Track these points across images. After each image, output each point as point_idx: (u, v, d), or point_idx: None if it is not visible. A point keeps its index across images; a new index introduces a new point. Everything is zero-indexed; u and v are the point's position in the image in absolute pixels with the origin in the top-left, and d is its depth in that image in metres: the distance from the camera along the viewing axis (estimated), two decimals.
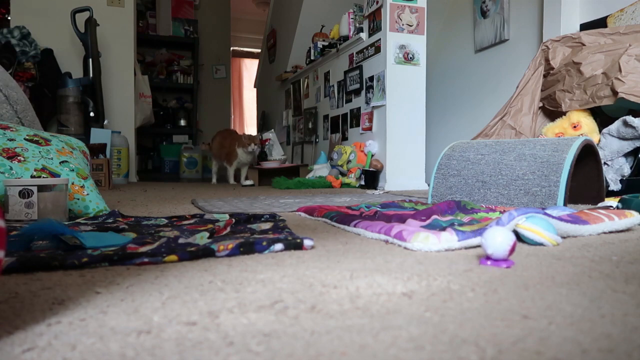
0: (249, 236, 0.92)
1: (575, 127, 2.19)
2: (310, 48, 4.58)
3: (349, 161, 3.46)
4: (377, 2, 3.27)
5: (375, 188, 3.19)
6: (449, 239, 0.81)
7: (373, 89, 3.40)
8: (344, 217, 1.16)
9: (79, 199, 1.40)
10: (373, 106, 3.40)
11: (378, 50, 3.31)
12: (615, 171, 1.96)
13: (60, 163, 1.43)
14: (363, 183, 3.29)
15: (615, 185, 1.92)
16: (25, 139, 1.44)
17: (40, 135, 1.49)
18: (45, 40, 3.94)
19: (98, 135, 3.52)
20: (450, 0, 4.01)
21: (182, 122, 6.42)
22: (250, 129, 8.19)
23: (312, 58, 4.49)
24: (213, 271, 0.66)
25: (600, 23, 2.68)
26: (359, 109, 3.66)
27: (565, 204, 1.38)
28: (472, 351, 0.37)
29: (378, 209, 1.39)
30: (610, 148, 2.00)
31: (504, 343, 0.38)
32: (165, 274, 0.64)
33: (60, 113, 3.68)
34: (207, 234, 0.90)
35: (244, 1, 7.85)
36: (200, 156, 5.83)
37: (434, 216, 1.10)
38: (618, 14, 2.59)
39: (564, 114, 2.29)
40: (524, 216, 0.87)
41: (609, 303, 0.49)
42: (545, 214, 0.90)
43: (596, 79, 2.15)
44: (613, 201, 1.49)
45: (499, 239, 0.68)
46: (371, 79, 3.43)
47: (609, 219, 0.99)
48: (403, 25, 3.22)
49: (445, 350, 0.37)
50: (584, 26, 2.79)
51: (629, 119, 1.92)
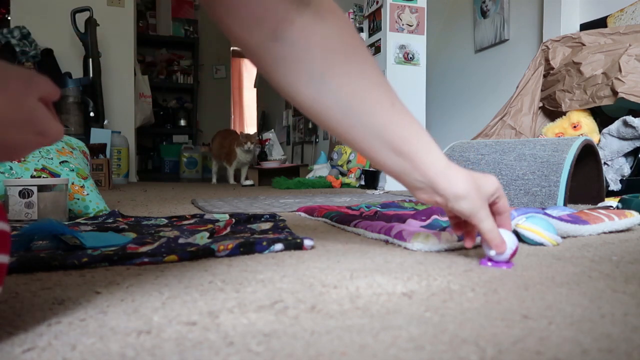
0: (249, 236, 0.92)
1: (575, 127, 2.19)
2: None
3: (349, 161, 3.45)
4: (377, 2, 3.26)
5: (375, 188, 3.19)
6: (449, 239, 0.81)
7: None
8: (344, 217, 1.16)
9: (79, 199, 1.40)
10: None
11: (378, 50, 3.31)
12: (615, 171, 1.96)
13: (60, 163, 1.43)
14: (363, 183, 3.29)
15: (615, 185, 1.92)
16: None
17: None
18: (45, 40, 3.94)
19: (98, 135, 3.52)
20: (450, 0, 4.01)
21: (182, 122, 6.42)
22: (250, 129, 8.19)
23: None
24: (213, 271, 0.66)
25: (600, 23, 2.67)
26: None
27: (565, 204, 1.38)
28: (472, 351, 0.37)
29: (378, 209, 1.39)
30: (610, 148, 2.00)
31: (504, 343, 0.38)
32: (165, 274, 0.64)
33: (60, 113, 3.68)
34: (207, 234, 0.90)
35: None
36: (200, 156, 5.83)
37: (434, 216, 1.10)
38: (618, 14, 2.59)
39: (564, 114, 2.29)
40: (524, 216, 0.87)
41: (609, 303, 0.49)
42: (545, 214, 0.90)
43: (596, 79, 2.15)
44: (613, 201, 1.49)
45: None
46: None
47: (609, 219, 0.99)
48: (403, 25, 3.22)
49: (445, 350, 0.37)
50: (584, 26, 2.79)
51: (629, 119, 1.92)
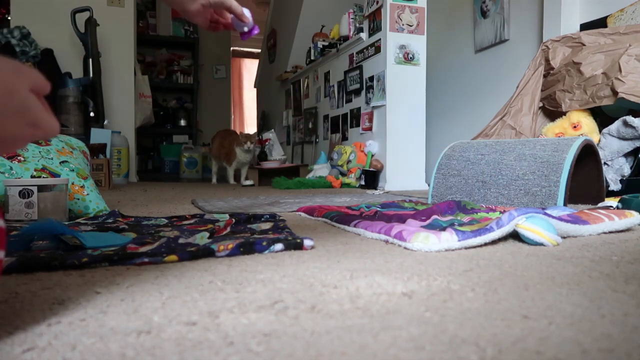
0: (249, 236, 0.92)
1: (575, 127, 2.19)
2: (310, 48, 4.58)
3: (349, 161, 3.46)
4: (377, 2, 3.27)
5: (375, 188, 3.19)
6: (449, 239, 0.81)
7: (373, 89, 3.40)
8: (344, 217, 1.16)
9: (79, 199, 1.40)
10: (373, 106, 3.40)
11: (378, 50, 3.31)
12: (615, 171, 1.96)
13: (60, 163, 1.43)
14: (363, 183, 3.29)
15: (615, 185, 1.92)
16: None
17: None
18: (45, 40, 3.94)
19: (98, 135, 3.52)
20: (450, 0, 4.01)
21: (182, 122, 6.42)
22: (250, 129, 8.19)
23: (312, 58, 4.49)
24: (213, 271, 0.66)
25: (600, 23, 2.68)
26: (359, 109, 3.66)
27: (565, 204, 1.38)
28: (472, 351, 0.37)
29: (378, 209, 1.39)
30: (610, 148, 2.00)
31: (504, 343, 0.38)
32: (165, 274, 0.64)
33: (60, 113, 3.68)
34: (207, 234, 0.90)
35: (244, 1, 7.84)
36: (200, 156, 5.83)
37: (434, 216, 1.10)
38: (618, 14, 2.59)
39: (564, 114, 2.29)
40: (524, 216, 0.87)
41: (609, 303, 0.49)
42: (545, 214, 0.90)
43: (596, 79, 2.15)
44: (613, 201, 1.49)
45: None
46: (371, 79, 3.43)
47: (609, 219, 0.99)
48: (403, 25, 3.22)
49: (445, 350, 0.37)
50: (584, 26, 2.79)
51: (629, 119, 1.92)
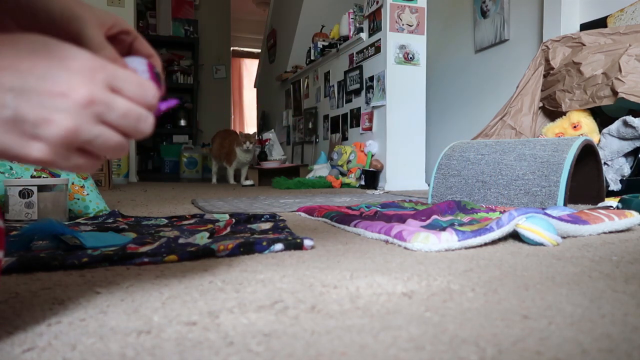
0: (249, 236, 0.92)
1: (575, 127, 2.19)
2: (310, 48, 4.58)
3: (349, 161, 3.46)
4: (377, 2, 3.27)
5: (375, 188, 3.19)
6: (449, 239, 0.81)
7: (373, 89, 3.40)
8: (344, 217, 1.16)
9: (79, 199, 1.40)
10: (373, 106, 3.40)
11: (378, 50, 3.31)
12: (615, 171, 1.96)
13: None
14: (363, 183, 3.30)
15: (615, 185, 1.92)
16: None
17: None
18: None
19: None
20: (450, 0, 4.01)
21: (182, 122, 6.42)
22: (250, 129, 8.20)
23: (312, 58, 4.49)
24: (213, 271, 0.66)
25: (600, 23, 2.68)
26: (359, 109, 3.66)
27: (565, 204, 1.38)
28: (472, 351, 0.37)
29: (378, 209, 1.39)
30: (610, 148, 2.00)
31: (504, 343, 0.38)
32: (165, 274, 0.64)
33: None
34: (207, 234, 0.90)
35: (244, 1, 7.85)
36: (200, 156, 5.84)
37: (434, 216, 1.10)
38: (618, 14, 2.59)
39: (564, 114, 2.29)
40: (524, 216, 0.87)
41: (609, 303, 0.49)
42: (545, 214, 0.90)
43: (596, 79, 2.15)
44: (613, 201, 1.49)
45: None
46: (371, 79, 3.43)
47: (609, 219, 0.99)
48: (403, 25, 3.22)
49: (445, 350, 0.37)
50: (584, 26, 2.79)
51: (629, 119, 1.92)
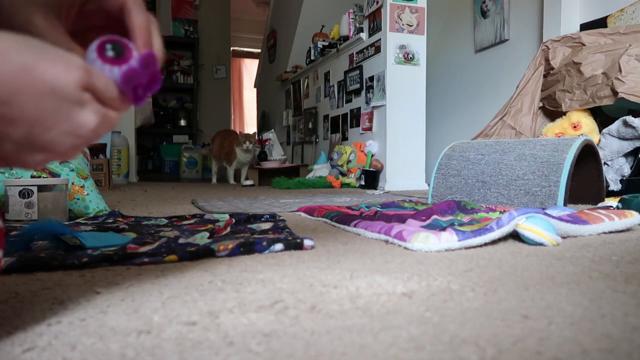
0: (249, 236, 0.92)
1: (575, 127, 2.19)
2: (310, 48, 4.58)
3: (349, 161, 3.46)
4: (377, 2, 3.27)
5: (375, 188, 3.19)
6: (449, 239, 0.81)
7: (373, 89, 3.40)
8: (344, 217, 1.16)
9: (79, 199, 1.40)
10: (373, 106, 3.40)
11: (378, 50, 3.31)
12: (615, 171, 1.96)
13: (60, 163, 1.43)
14: (363, 183, 3.29)
15: (615, 185, 1.92)
16: None
17: None
18: None
19: None
20: (450, 0, 4.01)
21: (182, 122, 6.42)
22: (250, 129, 8.19)
23: (312, 58, 4.49)
24: (213, 271, 0.66)
25: (600, 23, 2.68)
26: (359, 109, 3.66)
27: (565, 204, 1.38)
28: (472, 351, 0.37)
29: (378, 209, 1.39)
30: (610, 148, 2.00)
31: (504, 343, 0.38)
32: (165, 274, 0.64)
33: None
34: (207, 234, 0.90)
35: (244, 1, 7.85)
36: (200, 156, 5.84)
37: (434, 216, 1.10)
38: (618, 14, 2.59)
39: (564, 114, 2.29)
40: (524, 216, 0.87)
41: (609, 303, 0.49)
42: (545, 214, 0.90)
43: (596, 79, 2.15)
44: (613, 201, 1.49)
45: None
46: (371, 79, 3.43)
47: (609, 219, 0.99)
48: (403, 25, 3.22)
49: (445, 350, 0.37)
50: (584, 26, 2.79)
51: (629, 119, 1.92)
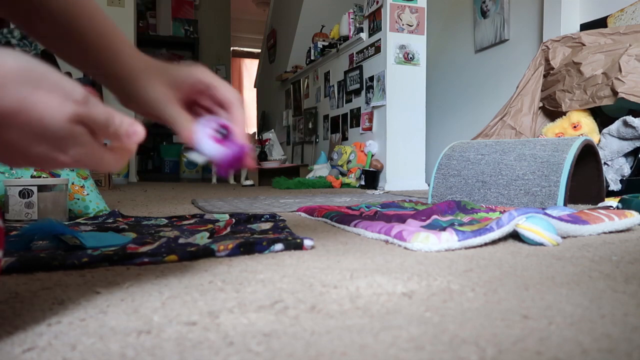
0: (249, 236, 0.92)
1: (575, 127, 2.19)
2: (310, 48, 4.58)
3: (349, 161, 3.46)
4: (377, 2, 3.27)
5: (375, 188, 3.19)
6: (449, 239, 0.81)
7: (373, 89, 3.40)
8: (344, 217, 1.16)
9: (79, 199, 1.40)
10: (373, 106, 3.40)
11: (378, 50, 3.31)
12: (615, 171, 1.96)
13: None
14: (363, 183, 3.30)
15: (615, 185, 1.92)
16: None
17: None
18: None
19: None
20: (450, 0, 4.01)
21: None
22: (250, 129, 8.19)
23: (312, 58, 4.49)
24: (213, 271, 0.66)
25: (600, 23, 2.68)
26: (359, 109, 3.66)
27: (565, 204, 1.38)
28: (472, 351, 0.37)
29: (378, 209, 1.39)
30: (610, 148, 2.00)
31: (504, 343, 0.38)
32: (165, 274, 0.64)
33: None
34: (207, 234, 0.90)
35: (244, 1, 7.85)
36: None
37: (434, 216, 1.10)
38: (618, 14, 2.59)
39: (564, 114, 2.29)
40: (524, 216, 0.87)
41: (609, 303, 0.49)
42: (545, 214, 0.90)
43: (596, 79, 2.15)
44: (613, 201, 1.49)
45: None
46: (371, 79, 3.43)
47: (609, 219, 0.99)
48: (403, 25, 3.22)
49: (445, 350, 0.37)
50: (584, 26, 2.79)
51: (629, 119, 1.92)
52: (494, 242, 0.87)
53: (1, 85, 0.33)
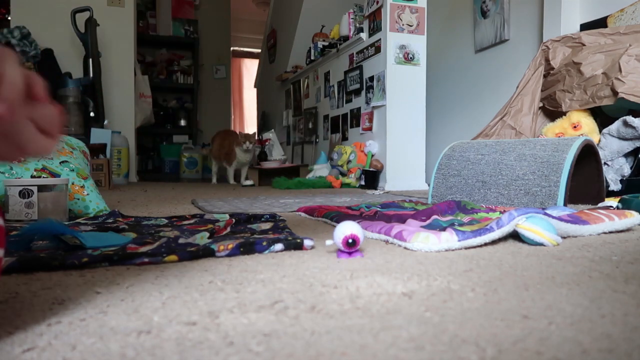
0: (249, 236, 0.92)
1: (575, 127, 2.19)
2: (310, 48, 4.58)
3: (349, 161, 3.45)
4: (377, 2, 3.26)
5: (375, 188, 3.19)
6: (449, 239, 0.81)
7: (373, 89, 3.40)
8: (344, 217, 1.16)
9: (79, 199, 1.40)
10: (373, 106, 3.40)
11: (378, 50, 3.31)
12: (615, 171, 1.96)
13: (60, 163, 1.43)
14: (363, 183, 3.29)
15: (615, 185, 1.92)
16: None
17: None
18: (45, 40, 3.94)
19: (98, 135, 3.52)
20: (450, 0, 4.01)
21: (182, 122, 6.42)
22: (250, 129, 8.19)
23: (312, 58, 4.49)
24: (213, 271, 0.66)
25: (600, 23, 2.68)
26: (359, 109, 3.66)
27: (565, 204, 1.38)
28: (472, 351, 0.37)
29: (378, 209, 1.39)
30: (611, 148, 2.00)
31: (504, 343, 0.38)
32: (165, 274, 0.64)
33: None
34: (207, 234, 0.90)
35: (244, 1, 7.85)
36: (200, 156, 5.83)
37: (434, 216, 1.10)
38: (618, 14, 2.59)
39: (564, 114, 2.29)
40: (524, 216, 0.87)
41: (609, 303, 0.49)
42: (545, 214, 0.90)
43: (596, 79, 2.15)
44: (613, 201, 1.49)
45: (339, 230, 0.74)
46: (371, 79, 3.43)
47: (609, 219, 0.99)
48: (403, 25, 3.22)
49: (445, 350, 0.37)
50: (584, 26, 2.79)
51: (629, 119, 1.92)
52: (494, 242, 0.87)
53: None
